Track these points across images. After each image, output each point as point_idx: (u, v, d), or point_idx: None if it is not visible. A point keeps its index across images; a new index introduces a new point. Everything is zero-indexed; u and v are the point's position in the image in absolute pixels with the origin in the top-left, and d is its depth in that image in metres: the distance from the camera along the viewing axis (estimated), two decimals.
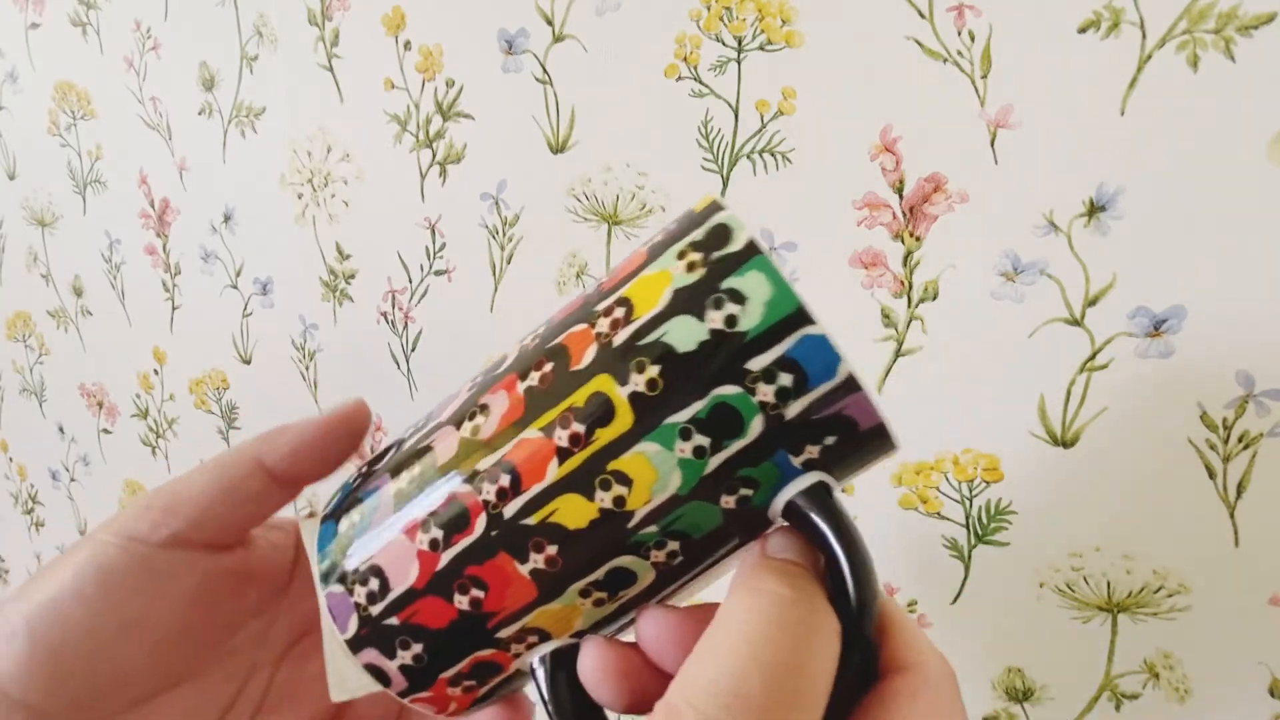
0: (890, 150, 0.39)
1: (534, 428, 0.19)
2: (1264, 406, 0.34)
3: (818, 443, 0.19)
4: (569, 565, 0.19)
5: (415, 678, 0.21)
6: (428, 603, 0.20)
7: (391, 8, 0.52)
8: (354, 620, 0.20)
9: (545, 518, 0.19)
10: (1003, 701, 0.42)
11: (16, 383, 0.88)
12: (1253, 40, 0.31)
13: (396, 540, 0.20)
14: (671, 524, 0.19)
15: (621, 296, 0.20)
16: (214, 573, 0.23)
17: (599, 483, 0.19)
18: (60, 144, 0.74)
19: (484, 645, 0.20)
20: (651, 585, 0.20)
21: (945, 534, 0.42)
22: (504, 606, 0.20)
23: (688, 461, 0.18)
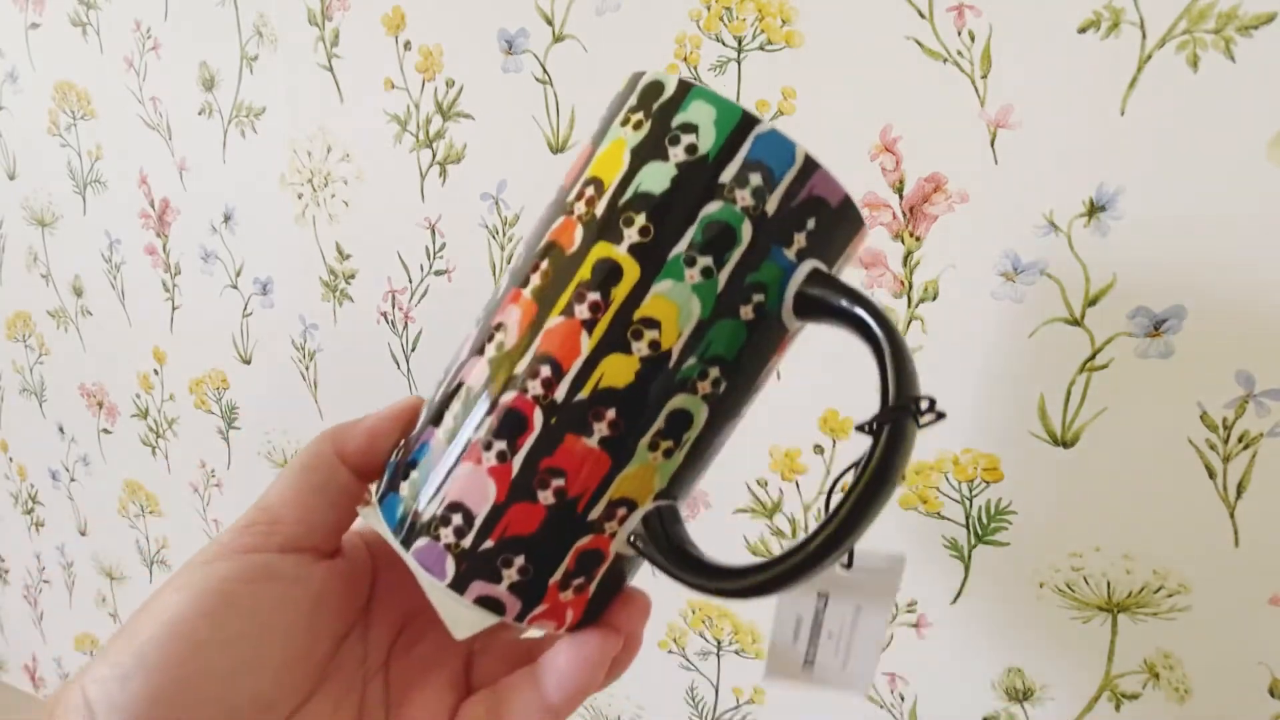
0: (890, 150, 0.39)
1: (554, 315, 0.20)
2: (1264, 406, 0.34)
3: (801, 228, 0.21)
4: (630, 423, 0.20)
5: (526, 593, 0.21)
6: (515, 512, 0.20)
7: (391, 8, 0.51)
8: (449, 562, 0.20)
9: (595, 386, 0.20)
10: (1003, 701, 0.42)
11: (16, 383, 0.88)
12: (1253, 40, 0.31)
13: (464, 470, 0.21)
14: (707, 351, 0.20)
15: (588, 178, 0.21)
16: (328, 577, 0.22)
17: (631, 334, 0.20)
18: (60, 144, 0.74)
19: (580, 533, 0.21)
20: (709, 422, 0.21)
21: (945, 534, 0.42)
22: (586, 486, 0.20)
23: (700, 285, 0.20)
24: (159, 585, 0.20)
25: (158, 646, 0.19)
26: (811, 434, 0.44)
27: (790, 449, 0.45)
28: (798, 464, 0.45)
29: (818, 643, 0.24)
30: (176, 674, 0.18)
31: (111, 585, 0.88)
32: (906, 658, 0.45)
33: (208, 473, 0.74)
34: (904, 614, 0.44)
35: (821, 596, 0.24)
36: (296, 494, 0.22)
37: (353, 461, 0.22)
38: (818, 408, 0.43)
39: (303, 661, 0.21)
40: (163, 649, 0.19)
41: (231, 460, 0.72)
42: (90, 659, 0.20)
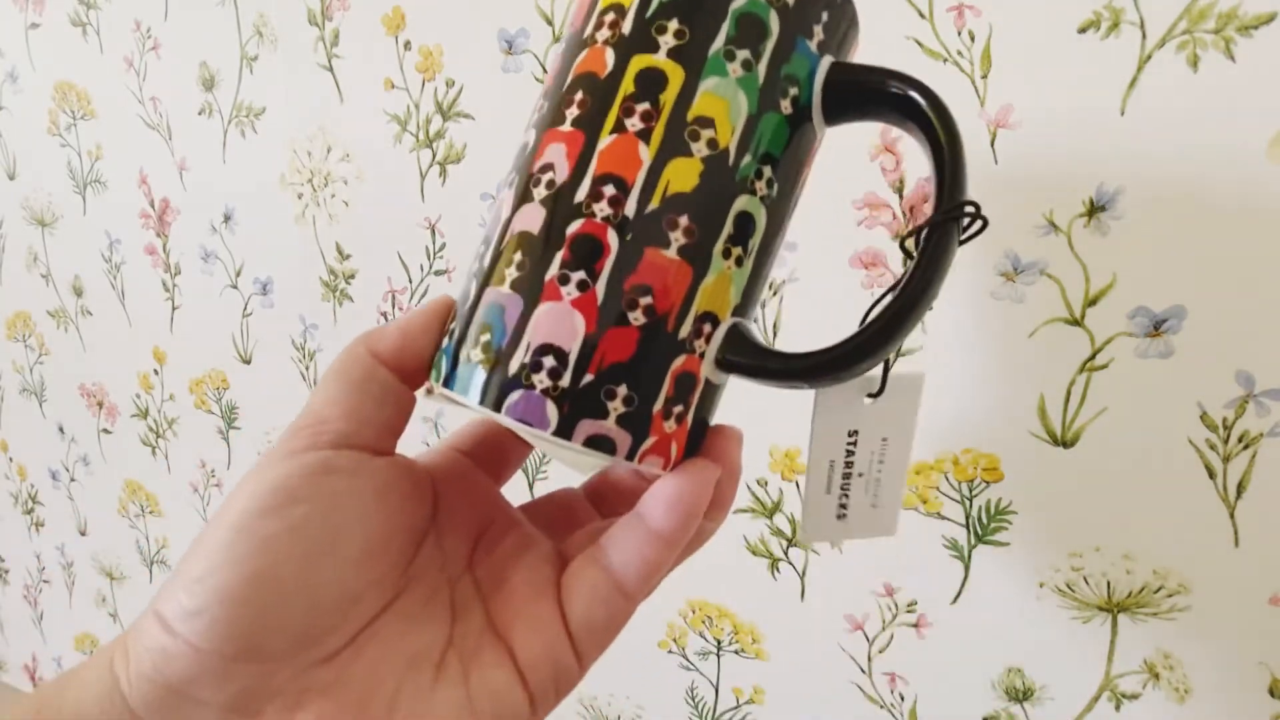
0: (890, 150, 0.39)
1: (605, 135, 0.20)
2: (1264, 406, 0.34)
3: (819, 20, 0.21)
4: (704, 228, 0.20)
5: (634, 425, 0.20)
6: (609, 339, 0.20)
7: (391, 8, 0.52)
8: (550, 407, 0.20)
9: (664, 193, 0.20)
10: (1003, 701, 0.42)
11: (16, 383, 0.88)
12: (1253, 40, 0.31)
13: (546, 309, 0.20)
14: (759, 147, 0.21)
15: (604, 7, 0.21)
16: (386, 472, 0.22)
17: (688, 135, 0.20)
18: (60, 144, 0.74)
19: (675, 353, 0.20)
20: (767, 228, 0.21)
21: (945, 534, 0.42)
22: (673, 300, 0.20)
23: (744, 79, 0.20)
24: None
25: (225, 548, 0.18)
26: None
27: (790, 449, 0.45)
28: (798, 464, 0.45)
29: (850, 487, 0.25)
30: (248, 570, 0.18)
31: (111, 585, 0.88)
32: (906, 658, 0.45)
33: (208, 473, 0.74)
34: (904, 614, 0.44)
35: (852, 434, 0.24)
36: (339, 394, 0.21)
37: (388, 359, 0.22)
38: None
39: (381, 553, 0.21)
40: (230, 549, 0.18)
41: (231, 460, 0.72)
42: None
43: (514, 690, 0.20)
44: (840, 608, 0.46)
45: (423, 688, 0.20)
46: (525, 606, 0.21)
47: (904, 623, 0.44)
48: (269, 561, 0.18)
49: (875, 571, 0.44)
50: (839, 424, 0.24)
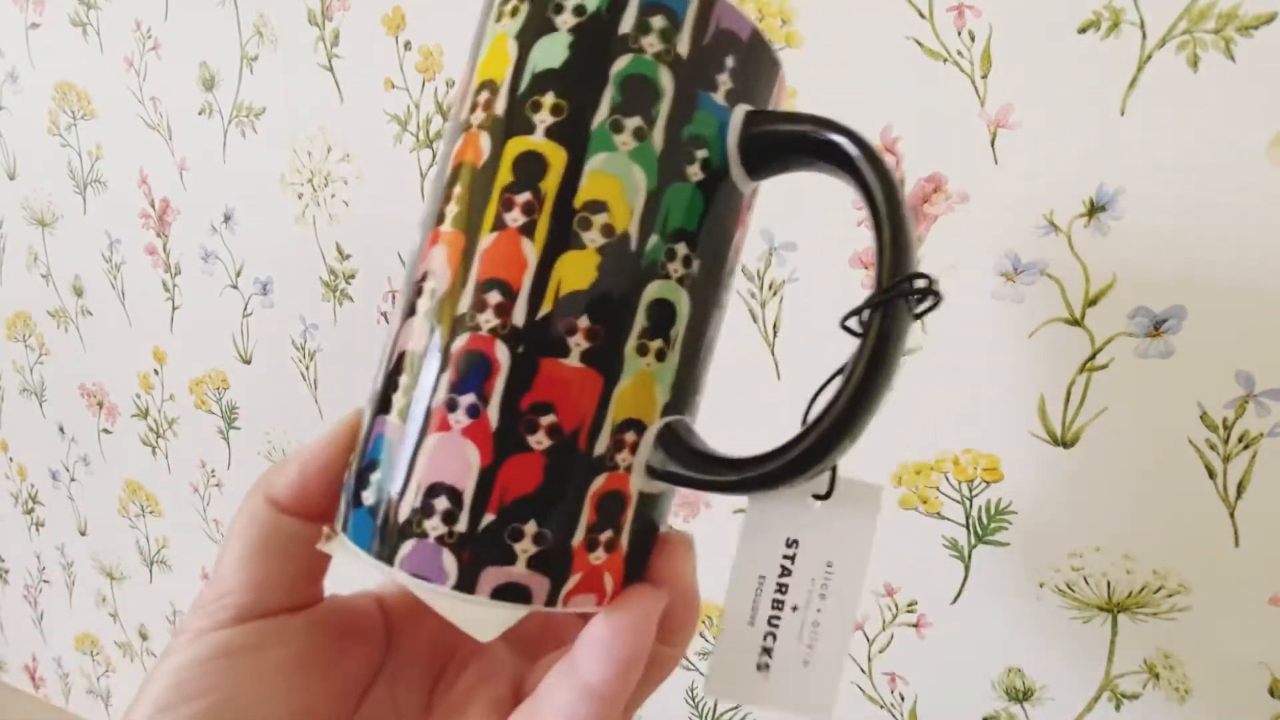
0: (890, 150, 0.39)
1: (485, 234, 0.18)
2: (1264, 406, 0.34)
3: (722, 68, 0.19)
4: (610, 327, 0.18)
5: (550, 566, 0.18)
6: (509, 469, 0.17)
7: (391, 8, 0.51)
8: (448, 558, 0.17)
9: (557, 294, 0.17)
10: (1003, 701, 0.42)
11: (16, 383, 0.88)
12: (1253, 40, 0.31)
13: (434, 443, 0.18)
14: (666, 224, 0.18)
15: (476, 85, 0.19)
16: (303, 635, 0.20)
17: (578, 225, 0.18)
18: (60, 144, 0.74)
19: (591, 473, 0.18)
20: (693, 311, 0.19)
21: (945, 534, 0.42)
22: (582, 415, 0.18)
23: (637, 150, 0.18)
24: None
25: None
26: None
27: None
28: None
29: (779, 622, 0.20)
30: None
31: (111, 585, 0.88)
32: (906, 658, 0.45)
33: (208, 473, 0.74)
34: (904, 614, 0.44)
35: (791, 544, 0.20)
36: (241, 558, 0.20)
37: (288, 505, 0.20)
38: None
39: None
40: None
41: (231, 460, 0.72)
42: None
43: None
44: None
45: None
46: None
47: (904, 623, 0.44)
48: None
49: (875, 571, 0.44)
50: (776, 527, 0.20)
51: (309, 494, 0.20)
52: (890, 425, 0.41)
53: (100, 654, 0.94)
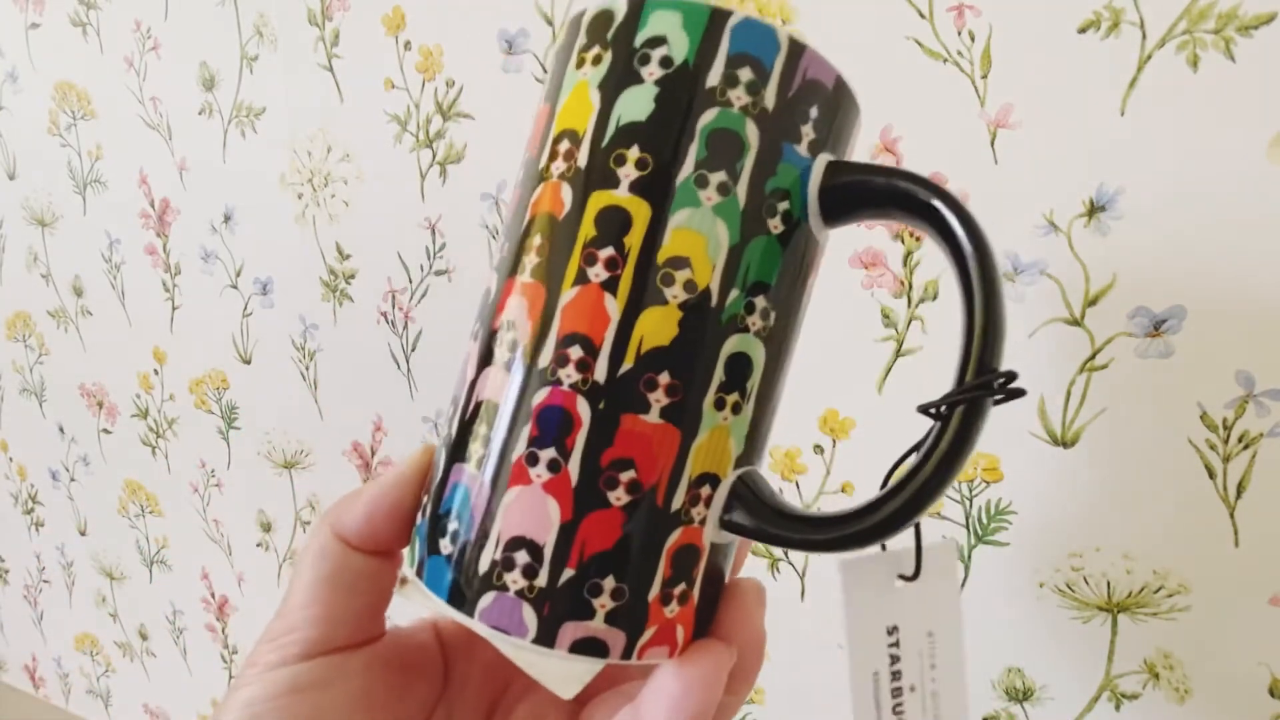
0: (890, 150, 0.39)
1: (567, 289, 0.18)
2: (1264, 406, 0.34)
3: (807, 119, 0.19)
4: (689, 383, 0.18)
5: (627, 620, 0.18)
6: (589, 525, 0.17)
7: (391, 8, 0.51)
8: (527, 612, 0.17)
9: (639, 351, 0.17)
10: (1003, 701, 0.42)
11: (16, 383, 0.88)
12: (1253, 40, 0.31)
13: (514, 496, 0.18)
14: (747, 279, 0.18)
15: (557, 135, 0.19)
16: (369, 669, 0.21)
17: (661, 281, 0.18)
18: (60, 144, 0.74)
19: (669, 529, 0.18)
20: (768, 364, 0.19)
21: (945, 534, 0.42)
22: (660, 471, 0.18)
23: (721, 206, 0.18)
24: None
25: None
26: (811, 434, 0.44)
27: (790, 449, 0.45)
28: (798, 464, 0.45)
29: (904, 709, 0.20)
30: None
31: (111, 585, 0.88)
32: None
33: (208, 473, 0.74)
34: None
35: (891, 631, 0.20)
36: (308, 593, 0.20)
37: (356, 541, 0.20)
38: (817, 408, 0.43)
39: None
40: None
41: (231, 460, 0.72)
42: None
43: None
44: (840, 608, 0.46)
45: None
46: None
47: None
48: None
49: None
50: (873, 620, 0.20)
51: (377, 532, 0.20)
52: (890, 425, 0.41)
53: (100, 654, 0.94)
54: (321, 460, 0.66)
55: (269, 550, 0.72)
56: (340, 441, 0.64)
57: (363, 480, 0.64)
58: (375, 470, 0.63)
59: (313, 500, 0.67)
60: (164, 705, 0.89)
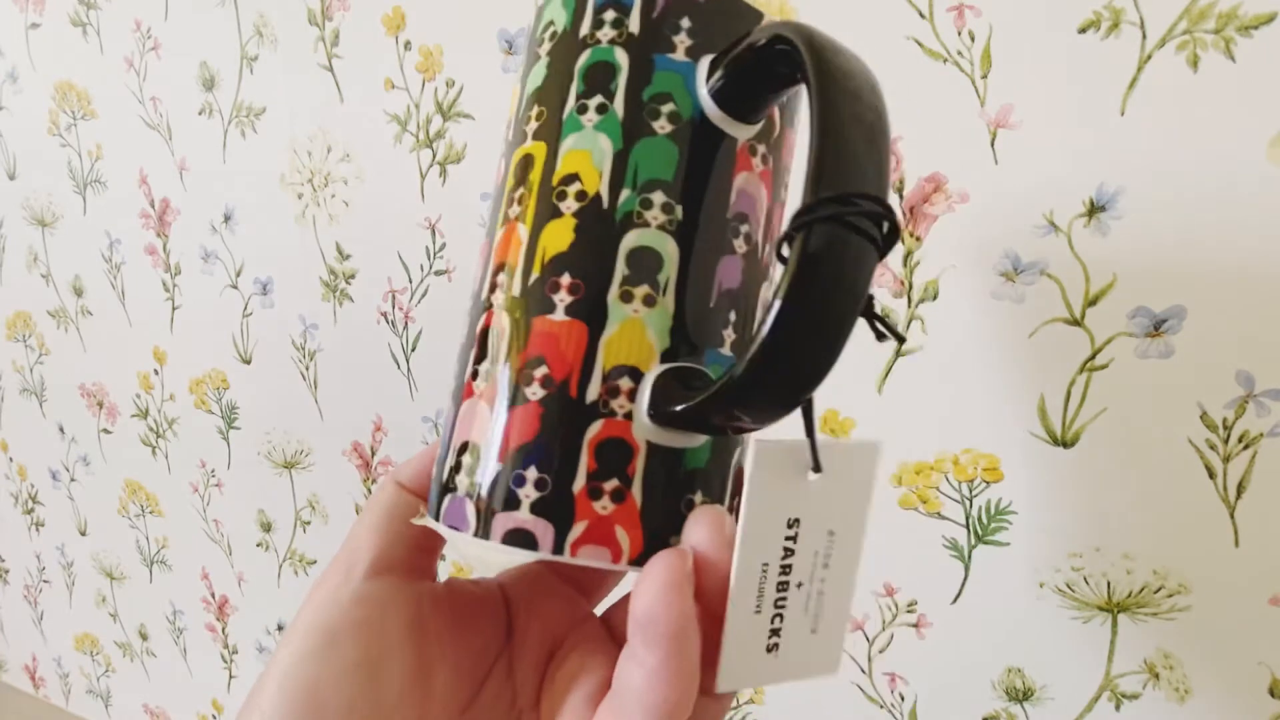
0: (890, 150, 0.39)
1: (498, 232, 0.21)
2: (1264, 406, 0.34)
3: (677, 30, 0.20)
4: (588, 279, 0.19)
5: (552, 511, 0.18)
6: (512, 421, 0.19)
7: (391, 8, 0.51)
8: (469, 508, 0.19)
9: (543, 261, 0.19)
10: (1003, 701, 0.42)
11: (16, 383, 0.88)
12: (1253, 40, 0.31)
13: (463, 410, 0.20)
14: (637, 178, 0.19)
15: (508, 118, 0.22)
16: (423, 598, 0.22)
17: (556, 198, 0.19)
18: (60, 144, 0.74)
19: (585, 420, 0.18)
20: (684, 256, 0.19)
21: (945, 534, 0.42)
22: (570, 364, 0.19)
23: (601, 122, 0.19)
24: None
25: (277, 694, 0.20)
26: None
27: None
28: None
29: (786, 604, 0.19)
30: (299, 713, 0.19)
31: (111, 585, 0.88)
32: (906, 658, 0.45)
33: (208, 473, 0.74)
34: (904, 614, 0.44)
35: (792, 524, 0.19)
36: (369, 523, 0.23)
37: (410, 486, 0.23)
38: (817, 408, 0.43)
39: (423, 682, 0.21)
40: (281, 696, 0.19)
41: (231, 460, 0.72)
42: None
43: None
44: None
45: None
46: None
47: (904, 623, 0.44)
48: (316, 704, 0.19)
49: (875, 571, 0.44)
50: (776, 509, 0.19)
51: (428, 477, 0.23)
52: (890, 425, 0.41)
53: (100, 654, 0.94)
54: (321, 460, 0.66)
55: (269, 550, 0.72)
56: (340, 441, 0.64)
57: (362, 480, 0.64)
58: (375, 470, 0.63)
59: (313, 500, 0.67)
60: (164, 705, 0.89)
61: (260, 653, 0.77)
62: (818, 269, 0.15)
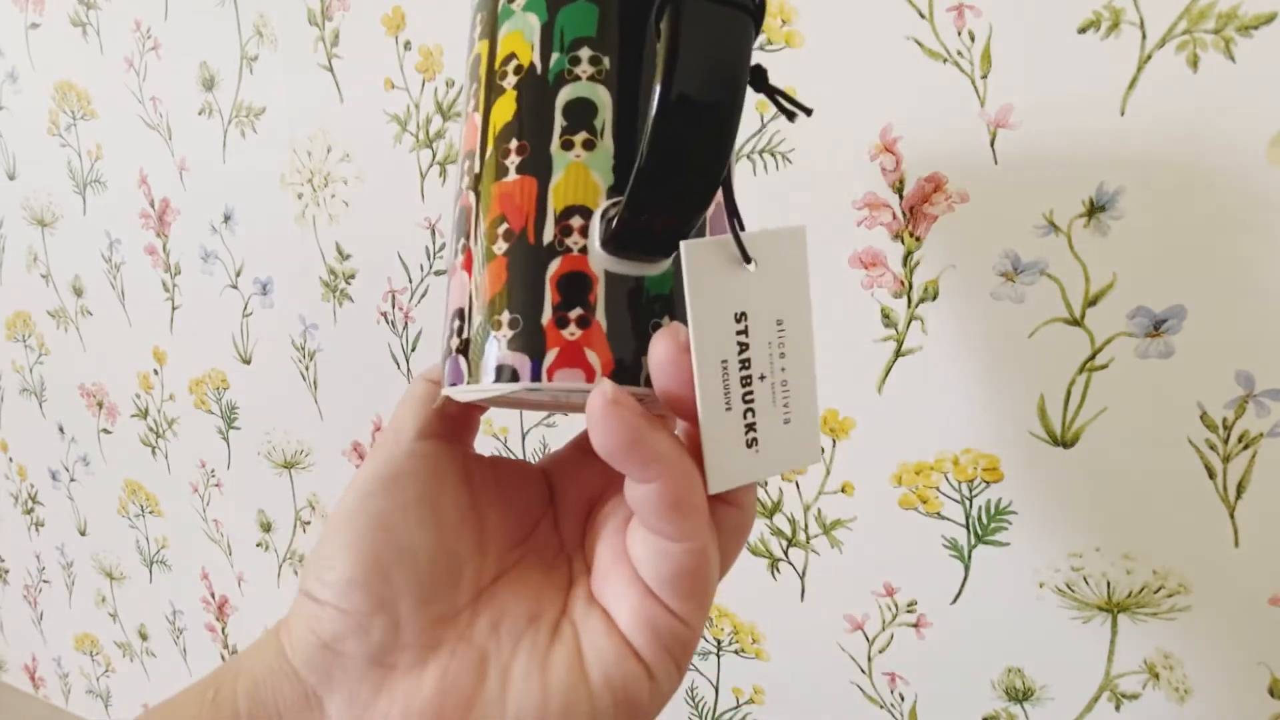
0: (890, 150, 0.39)
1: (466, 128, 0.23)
2: (1264, 406, 0.34)
3: None
4: (531, 137, 0.21)
5: (527, 343, 0.20)
6: (485, 278, 0.21)
7: (391, 8, 0.51)
8: (462, 362, 0.21)
9: (495, 136, 0.21)
10: (1003, 701, 0.42)
11: (16, 383, 0.88)
12: (1253, 40, 0.31)
13: (451, 285, 0.23)
14: (563, 39, 0.21)
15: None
16: (469, 461, 0.25)
17: (499, 79, 0.22)
18: (60, 144, 0.74)
19: (544, 260, 0.20)
20: (619, 102, 0.21)
21: (945, 534, 0.42)
22: (524, 213, 0.21)
23: (528, 4, 0.21)
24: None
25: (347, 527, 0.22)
26: None
27: None
28: None
29: (754, 398, 0.20)
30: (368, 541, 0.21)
31: (111, 585, 0.88)
32: (906, 658, 0.45)
33: (208, 473, 0.74)
34: (904, 614, 0.44)
35: (740, 318, 0.20)
36: (408, 406, 0.25)
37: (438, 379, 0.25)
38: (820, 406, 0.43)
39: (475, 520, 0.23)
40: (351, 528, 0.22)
41: (231, 460, 0.72)
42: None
43: (624, 658, 0.20)
44: (840, 608, 0.46)
45: (539, 647, 0.21)
46: (609, 574, 0.22)
47: (904, 623, 0.44)
48: (383, 534, 0.21)
49: (875, 571, 0.44)
50: (720, 305, 0.19)
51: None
52: (890, 425, 0.42)
53: (100, 654, 0.94)
54: (321, 460, 0.66)
55: (269, 550, 0.72)
56: (340, 441, 0.64)
57: None
58: None
59: (312, 500, 0.67)
60: None
61: None
62: (689, 42, 0.17)
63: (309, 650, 0.21)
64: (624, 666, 0.20)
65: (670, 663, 0.21)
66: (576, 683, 0.20)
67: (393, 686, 0.21)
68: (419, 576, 0.21)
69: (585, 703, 0.20)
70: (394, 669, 0.21)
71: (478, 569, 0.23)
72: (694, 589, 0.20)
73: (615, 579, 0.21)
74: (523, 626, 0.22)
